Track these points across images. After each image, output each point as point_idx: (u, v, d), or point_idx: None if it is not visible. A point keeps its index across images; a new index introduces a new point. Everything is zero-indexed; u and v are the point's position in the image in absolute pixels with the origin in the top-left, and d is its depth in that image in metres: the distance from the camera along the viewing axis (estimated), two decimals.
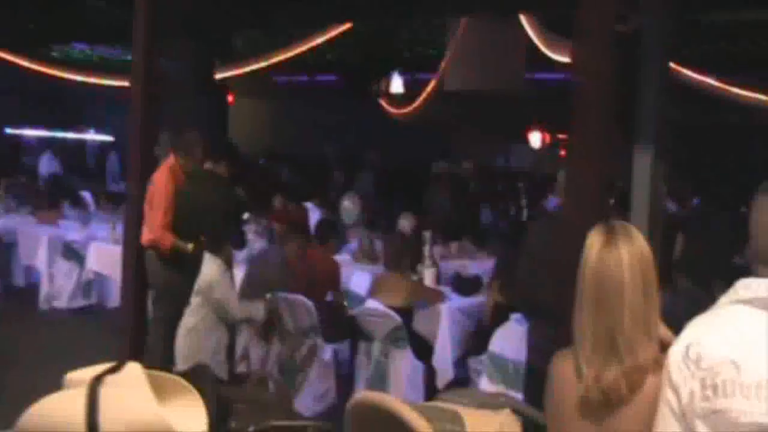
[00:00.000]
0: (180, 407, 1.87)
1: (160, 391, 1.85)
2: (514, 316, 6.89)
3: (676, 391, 2.31)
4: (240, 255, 9.03)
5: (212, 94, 15.56)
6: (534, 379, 6.12)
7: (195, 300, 6.75)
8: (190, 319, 6.74)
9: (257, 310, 7.28)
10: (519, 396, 5.37)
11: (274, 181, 15.02)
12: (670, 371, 2.34)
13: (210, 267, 6.71)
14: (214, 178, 7.92)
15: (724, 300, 2.34)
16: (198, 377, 2.03)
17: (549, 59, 13.04)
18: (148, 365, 1.92)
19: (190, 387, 1.93)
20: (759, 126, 15.32)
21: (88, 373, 1.87)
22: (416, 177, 16.83)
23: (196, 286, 6.73)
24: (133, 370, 1.87)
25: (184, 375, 5.88)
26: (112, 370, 1.86)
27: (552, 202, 12.67)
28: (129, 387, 1.84)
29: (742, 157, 15.73)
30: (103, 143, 25.17)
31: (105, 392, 1.82)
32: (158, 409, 1.81)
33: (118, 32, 12.10)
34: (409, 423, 1.78)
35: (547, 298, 5.85)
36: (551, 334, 5.83)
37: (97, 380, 1.84)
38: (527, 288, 5.97)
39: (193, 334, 6.67)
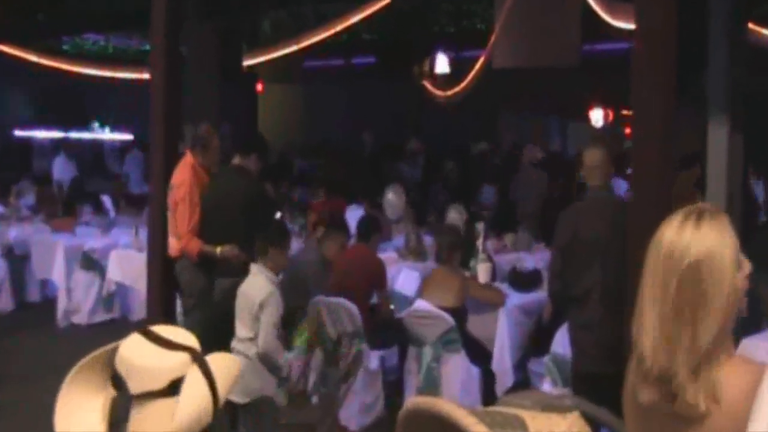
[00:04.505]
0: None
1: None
2: None
3: None
4: None
5: (240, 83, 15.59)
6: (578, 381, 6.19)
7: (250, 323, 6.47)
8: (246, 344, 6.45)
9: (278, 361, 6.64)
10: None
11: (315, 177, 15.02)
12: None
13: (258, 281, 6.51)
14: (242, 174, 7.72)
15: None
16: (261, 412, 2.44)
17: (610, 27, 12.92)
18: None
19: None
20: None
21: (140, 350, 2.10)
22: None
23: (248, 305, 6.48)
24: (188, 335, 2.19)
25: (245, 407, 6.07)
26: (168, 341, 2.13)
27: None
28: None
29: None
30: (122, 142, 25.31)
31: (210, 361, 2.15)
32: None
33: (134, 20, 12.19)
34: (466, 429, 1.76)
35: (579, 287, 5.99)
36: (590, 326, 5.94)
37: (194, 353, 2.12)
38: (557, 278, 6.14)
39: (252, 366, 6.39)
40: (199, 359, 2.08)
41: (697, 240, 2.55)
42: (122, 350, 2.07)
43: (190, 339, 2.14)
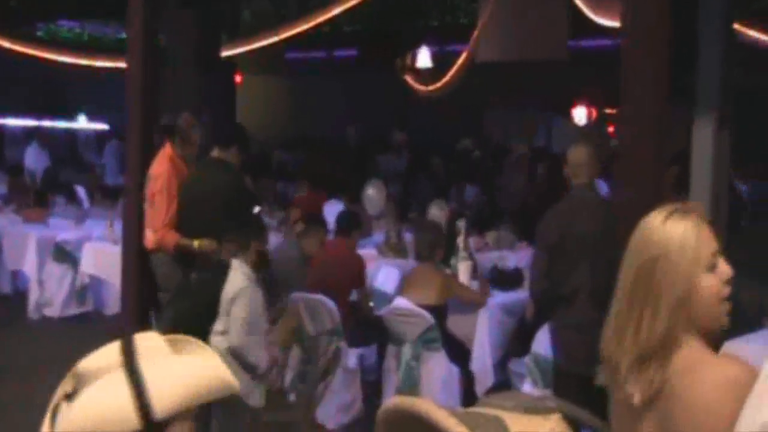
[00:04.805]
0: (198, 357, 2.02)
1: (175, 350, 1.99)
2: None
3: None
4: None
5: (218, 74, 15.53)
6: (561, 382, 6.22)
7: (224, 318, 6.46)
8: (219, 338, 6.43)
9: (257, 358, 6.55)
10: None
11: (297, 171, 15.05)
12: None
13: (235, 277, 6.49)
14: (224, 168, 7.58)
15: None
16: (233, 412, 2.17)
17: (595, 24, 12.95)
18: None
19: (202, 343, 2.05)
20: None
21: (102, 358, 1.96)
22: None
23: (224, 300, 6.45)
24: (152, 338, 1.99)
25: (216, 403, 5.84)
26: (128, 346, 1.95)
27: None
28: (162, 356, 1.96)
29: None
30: (97, 132, 25.17)
31: (144, 366, 1.90)
32: (216, 364, 1.99)
33: (110, 7, 12.13)
34: (447, 430, 1.77)
35: (566, 287, 6.03)
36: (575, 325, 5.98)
37: (128, 356, 1.91)
38: (542, 278, 6.17)
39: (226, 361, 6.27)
40: (127, 363, 1.89)
41: (658, 237, 2.61)
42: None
43: (151, 341, 1.97)
